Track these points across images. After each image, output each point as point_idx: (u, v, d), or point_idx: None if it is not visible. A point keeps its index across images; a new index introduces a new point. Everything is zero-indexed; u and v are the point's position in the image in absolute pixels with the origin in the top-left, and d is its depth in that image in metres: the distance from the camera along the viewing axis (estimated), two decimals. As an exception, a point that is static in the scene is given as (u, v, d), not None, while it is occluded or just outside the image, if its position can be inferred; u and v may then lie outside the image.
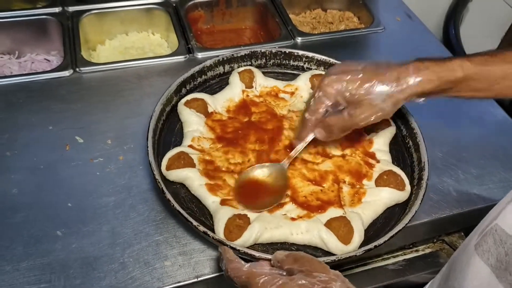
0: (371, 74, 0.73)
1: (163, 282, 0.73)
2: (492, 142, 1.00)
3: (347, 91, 0.73)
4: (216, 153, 0.84)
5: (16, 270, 0.72)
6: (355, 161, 0.84)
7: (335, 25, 1.34)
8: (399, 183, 0.80)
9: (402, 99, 0.73)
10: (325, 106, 0.76)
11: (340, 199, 0.79)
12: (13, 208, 0.79)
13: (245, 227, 0.71)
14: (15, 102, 0.97)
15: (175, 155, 0.80)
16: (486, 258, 0.58)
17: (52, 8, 1.19)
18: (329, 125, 0.77)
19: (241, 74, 0.96)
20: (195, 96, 0.91)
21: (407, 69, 0.72)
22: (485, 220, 0.64)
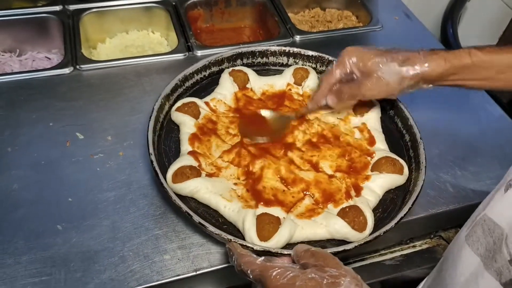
0: (386, 52, 0.79)
1: (162, 275, 0.74)
2: (489, 139, 1.01)
3: (361, 61, 0.80)
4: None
5: (18, 263, 0.73)
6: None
7: (334, 24, 1.35)
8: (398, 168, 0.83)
9: (408, 78, 0.78)
10: (340, 72, 0.82)
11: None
12: (14, 203, 0.80)
13: (276, 229, 0.72)
14: (17, 99, 0.98)
15: (176, 170, 0.78)
16: (476, 248, 0.59)
17: (53, 7, 1.20)
18: (340, 91, 0.84)
19: (232, 75, 0.96)
20: (184, 101, 0.91)
21: (418, 53, 0.78)
22: (476, 211, 0.65)
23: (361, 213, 0.75)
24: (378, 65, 0.78)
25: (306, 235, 0.74)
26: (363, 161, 0.85)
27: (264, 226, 0.71)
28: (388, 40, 1.25)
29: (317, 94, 0.87)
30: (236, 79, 0.96)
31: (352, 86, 0.82)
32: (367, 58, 0.79)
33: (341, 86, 0.84)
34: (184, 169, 0.78)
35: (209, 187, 0.77)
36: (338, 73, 0.83)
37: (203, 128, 0.87)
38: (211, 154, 0.84)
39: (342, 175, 0.83)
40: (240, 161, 0.83)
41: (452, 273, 0.63)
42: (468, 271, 0.60)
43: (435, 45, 1.27)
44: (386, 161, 0.83)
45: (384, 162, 0.83)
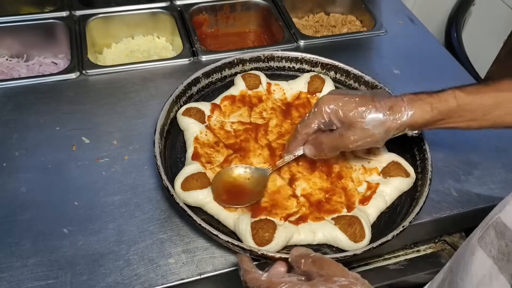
0: (367, 100, 0.74)
1: (167, 279, 0.74)
2: (493, 143, 1.01)
3: (342, 111, 0.74)
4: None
5: (25, 266, 0.74)
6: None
7: (338, 29, 1.36)
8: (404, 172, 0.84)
9: (394, 128, 0.74)
10: (318, 122, 0.77)
11: None
12: (22, 206, 0.81)
13: (272, 234, 0.73)
14: (24, 104, 0.99)
15: (185, 179, 0.79)
16: (488, 250, 0.59)
17: (60, 12, 1.21)
18: (319, 142, 0.78)
19: (244, 77, 0.99)
20: (190, 106, 0.92)
21: (402, 99, 0.74)
22: (489, 215, 0.65)
23: (359, 224, 0.75)
24: (362, 116, 0.73)
25: (303, 239, 0.75)
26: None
27: (259, 231, 0.72)
28: (392, 44, 1.26)
29: (293, 144, 0.82)
30: (248, 82, 0.97)
31: (333, 137, 0.77)
32: (348, 108, 0.74)
33: (320, 137, 0.78)
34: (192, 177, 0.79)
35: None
36: (316, 123, 0.77)
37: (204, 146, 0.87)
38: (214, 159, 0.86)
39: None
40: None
41: (463, 275, 0.63)
42: (481, 273, 0.60)
43: (439, 49, 1.27)
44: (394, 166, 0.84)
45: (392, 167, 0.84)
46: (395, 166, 0.85)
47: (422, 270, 0.95)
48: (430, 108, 0.73)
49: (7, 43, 1.19)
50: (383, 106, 0.74)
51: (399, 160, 0.86)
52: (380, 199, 0.81)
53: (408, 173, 0.84)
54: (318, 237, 0.76)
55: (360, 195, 0.82)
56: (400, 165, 0.85)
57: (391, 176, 0.84)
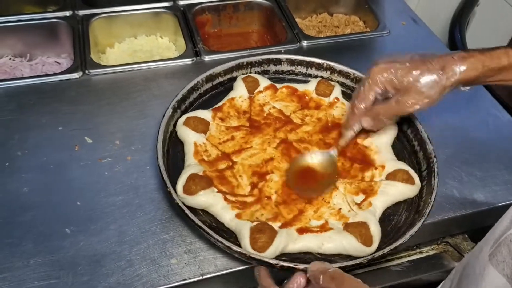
0: (419, 63, 0.75)
1: (169, 279, 0.74)
2: (497, 145, 1.01)
3: (396, 78, 0.75)
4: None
5: (27, 266, 0.74)
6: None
7: (341, 29, 1.36)
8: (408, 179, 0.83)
9: (448, 86, 0.75)
10: (374, 93, 0.78)
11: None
12: (23, 206, 0.81)
13: (272, 240, 0.72)
14: (26, 103, 0.99)
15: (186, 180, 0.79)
16: (501, 268, 0.58)
17: (63, 12, 1.21)
18: (377, 113, 0.79)
19: (244, 80, 0.97)
20: (190, 115, 0.90)
21: (453, 58, 0.75)
22: (498, 228, 0.63)
23: (367, 228, 0.74)
24: (416, 80, 0.74)
25: (309, 247, 0.75)
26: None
27: (257, 236, 0.71)
28: (396, 45, 1.25)
29: (350, 120, 0.83)
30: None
31: (390, 105, 0.77)
32: (401, 74, 0.75)
33: (377, 108, 0.79)
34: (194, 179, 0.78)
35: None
36: (372, 95, 0.78)
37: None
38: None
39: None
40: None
41: None
42: None
43: (443, 50, 1.26)
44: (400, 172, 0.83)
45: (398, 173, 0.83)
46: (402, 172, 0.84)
47: (424, 271, 0.94)
48: (482, 65, 0.74)
49: (10, 43, 1.19)
50: (435, 66, 0.74)
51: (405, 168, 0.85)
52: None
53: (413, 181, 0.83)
54: (328, 245, 0.74)
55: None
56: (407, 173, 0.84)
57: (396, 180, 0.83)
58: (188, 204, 0.77)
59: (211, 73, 0.97)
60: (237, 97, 0.95)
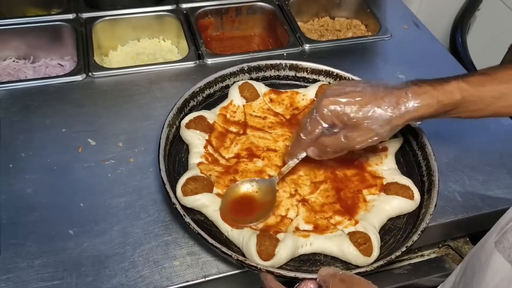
0: (370, 98, 0.72)
1: (171, 281, 0.74)
2: (499, 149, 1.01)
3: (345, 114, 0.72)
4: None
5: (31, 267, 0.74)
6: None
7: (343, 33, 1.36)
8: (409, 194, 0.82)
9: (400, 124, 0.73)
10: (321, 127, 0.74)
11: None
12: (27, 207, 0.82)
13: (276, 245, 0.72)
14: (30, 105, 1.00)
15: (186, 181, 0.79)
16: (507, 254, 0.59)
17: (66, 15, 1.22)
18: (324, 145, 0.76)
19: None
20: (194, 116, 0.90)
21: (406, 94, 0.72)
22: (504, 218, 0.64)
23: (367, 239, 0.74)
24: (366, 116, 0.71)
25: (316, 249, 0.75)
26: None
27: (264, 244, 0.71)
28: (397, 49, 1.26)
29: (296, 149, 0.80)
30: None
31: (338, 139, 0.74)
32: (351, 110, 0.71)
33: (324, 140, 0.76)
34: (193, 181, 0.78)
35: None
36: (319, 129, 0.74)
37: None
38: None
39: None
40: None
41: (480, 279, 0.63)
42: (498, 276, 0.59)
43: (444, 54, 1.27)
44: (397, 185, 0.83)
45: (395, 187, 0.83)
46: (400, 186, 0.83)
47: (426, 274, 0.95)
48: (436, 101, 0.71)
49: (14, 45, 1.20)
50: (387, 103, 0.71)
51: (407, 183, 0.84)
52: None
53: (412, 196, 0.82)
54: (333, 249, 0.75)
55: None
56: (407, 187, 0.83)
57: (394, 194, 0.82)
58: (187, 205, 0.77)
59: (221, 75, 0.98)
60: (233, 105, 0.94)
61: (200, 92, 0.96)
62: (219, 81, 0.98)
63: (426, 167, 0.87)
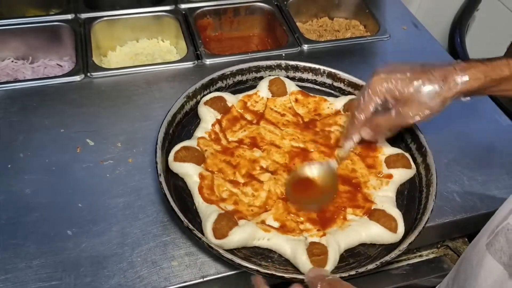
0: (419, 73, 0.74)
1: (170, 281, 0.74)
2: (498, 150, 1.01)
3: (396, 89, 0.74)
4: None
5: (29, 267, 0.74)
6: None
7: (342, 33, 1.36)
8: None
9: (449, 97, 0.74)
10: (374, 104, 0.77)
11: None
12: (26, 207, 0.82)
13: (232, 228, 0.73)
14: (29, 106, 1.00)
15: (180, 148, 0.84)
16: (498, 257, 0.59)
17: (65, 15, 1.22)
18: (377, 124, 0.79)
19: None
20: (214, 95, 0.94)
21: (454, 68, 0.74)
22: (494, 219, 0.65)
23: (324, 252, 0.73)
24: (417, 91, 0.73)
25: (272, 246, 0.76)
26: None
27: (221, 224, 0.73)
28: (396, 49, 1.26)
29: (350, 130, 0.82)
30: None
31: (391, 117, 0.76)
32: (402, 84, 0.74)
33: (377, 119, 0.78)
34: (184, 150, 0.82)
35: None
36: (372, 106, 0.77)
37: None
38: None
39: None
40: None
41: (472, 282, 0.63)
42: (491, 279, 0.60)
43: (443, 54, 1.27)
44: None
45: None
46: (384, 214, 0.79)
47: (424, 275, 0.95)
48: (484, 76, 0.73)
49: (13, 45, 1.20)
50: (437, 77, 0.73)
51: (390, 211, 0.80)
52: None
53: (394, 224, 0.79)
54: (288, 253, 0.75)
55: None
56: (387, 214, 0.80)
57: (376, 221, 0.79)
58: (173, 170, 0.82)
59: (256, 65, 1.00)
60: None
61: (231, 76, 0.99)
62: (253, 71, 1.01)
63: (423, 206, 0.83)
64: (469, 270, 0.65)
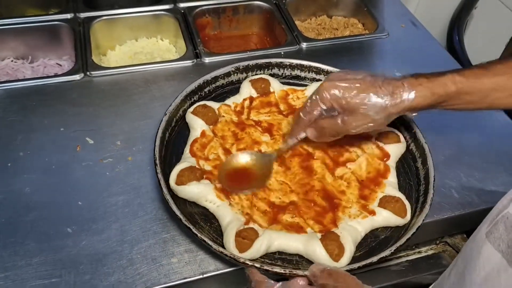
0: (368, 85, 0.74)
1: (169, 278, 0.75)
2: (495, 146, 1.02)
3: (343, 98, 0.74)
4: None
5: (29, 265, 0.74)
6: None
7: (340, 31, 1.37)
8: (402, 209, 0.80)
9: (395, 113, 0.75)
10: (320, 109, 0.77)
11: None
12: (26, 206, 0.82)
13: (254, 239, 0.72)
14: (29, 105, 1.00)
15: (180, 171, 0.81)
16: (497, 244, 0.60)
17: (64, 15, 1.22)
18: (321, 127, 0.79)
19: (253, 82, 0.97)
20: (202, 103, 0.92)
21: (402, 84, 0.74)
22: (495, 209, 0.65)
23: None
24: (362, 102, 0.74)
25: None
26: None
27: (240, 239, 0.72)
28: (394, 47, 1.26)
29: (295, 129, 0.83)
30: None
31: (335, 123, 0.77)
32: (349, 95, 0.74)
33: (322, 122, 0.79)
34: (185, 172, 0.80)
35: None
36: (318, 110, 0.77)
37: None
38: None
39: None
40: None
41: (471, 269, 0.63)
42: (489, 266, 0.60)
43: (441, 52, 1.27)
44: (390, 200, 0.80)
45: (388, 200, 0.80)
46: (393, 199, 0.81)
47: (423, 271, 0.95)
48: (430, 93, 0.73)
49: (12, 45, 1.20)
50: (384, 91, 0.74)
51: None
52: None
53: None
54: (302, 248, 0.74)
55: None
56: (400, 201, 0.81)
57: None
58: (180, 195, 0.79)
59: (216, 74, 0.98)
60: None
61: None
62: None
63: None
64: (468, 258, 0.65)
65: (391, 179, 0.85)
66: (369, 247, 0.78)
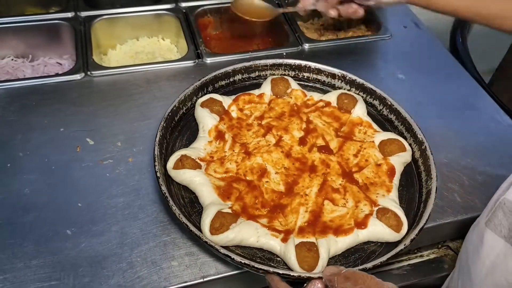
0: None
1: (169, 281, 0.74)
2: (498, 150, 1.01)
3: None
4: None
5: (28, 267, 0.74)
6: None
7: (343, 32, 1.36)
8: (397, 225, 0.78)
9: None
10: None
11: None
12: (25, 207, 0.82)
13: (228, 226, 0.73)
14: (28, 104, 1.00)
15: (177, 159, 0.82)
16: (498, 231, 0.60)
17: (65, 13, 1.22)
18: None
19: (273, 82, 0.98)
20: (211, 97, 0.94)
21: None
22: (492, 200, 0.65)
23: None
24: None
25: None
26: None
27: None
28: (397, 49, 1.25)
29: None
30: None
31: None
32: None
33: None
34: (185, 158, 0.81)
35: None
36: None
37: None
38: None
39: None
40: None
41: (475, 259, 0.63)
42: (493, 253, 0.60)
43: (444, 53, 1.27)
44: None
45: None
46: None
47: (425, 275, 0.95)
48: None
49: (13, 44, 1.20)
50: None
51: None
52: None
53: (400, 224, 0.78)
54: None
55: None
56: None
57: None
58: (177, 180, 0.81)
59: (216, 74, 0.98)
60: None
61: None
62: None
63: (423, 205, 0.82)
64: (470, 250, 0.65)
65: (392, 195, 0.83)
66: (369, 251, 0.77)
